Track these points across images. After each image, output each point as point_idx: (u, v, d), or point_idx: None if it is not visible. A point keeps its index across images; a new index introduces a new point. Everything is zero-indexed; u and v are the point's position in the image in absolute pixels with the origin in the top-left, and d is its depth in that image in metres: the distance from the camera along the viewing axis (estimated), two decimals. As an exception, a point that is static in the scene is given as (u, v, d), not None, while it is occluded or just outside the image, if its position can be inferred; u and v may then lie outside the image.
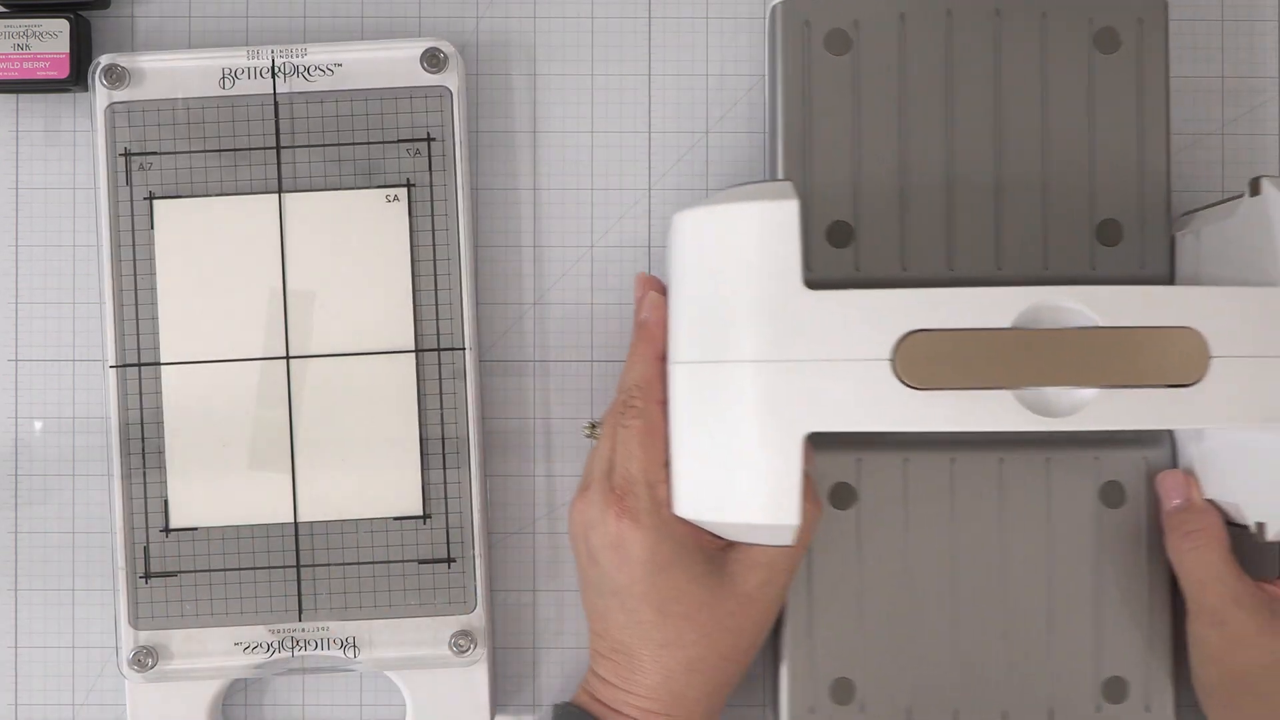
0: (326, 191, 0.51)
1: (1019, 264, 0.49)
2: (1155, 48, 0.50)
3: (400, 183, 0.51)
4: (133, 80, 0.51)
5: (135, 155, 0.51)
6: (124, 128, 0.51)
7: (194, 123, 0.51)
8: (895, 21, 0.50)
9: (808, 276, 0.48)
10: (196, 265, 0.51)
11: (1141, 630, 0.49)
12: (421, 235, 0.51)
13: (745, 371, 0.44)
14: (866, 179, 0.50)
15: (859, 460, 0.50)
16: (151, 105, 0.51)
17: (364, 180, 0.51)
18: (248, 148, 0.51)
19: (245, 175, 0.51)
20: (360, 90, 0.51)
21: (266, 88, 0.51)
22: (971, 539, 0.49)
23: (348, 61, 0.51)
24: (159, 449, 0.51)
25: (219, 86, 0.51)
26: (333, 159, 0.51)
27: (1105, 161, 0.50)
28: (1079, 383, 0.43)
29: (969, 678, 0.49)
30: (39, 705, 0.53)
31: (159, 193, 0.51)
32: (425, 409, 0.51)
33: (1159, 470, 0.49)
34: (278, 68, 0.51)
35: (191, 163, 0.51)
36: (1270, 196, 0.44)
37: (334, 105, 0.51)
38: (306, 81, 0.51)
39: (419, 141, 0.51)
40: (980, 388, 0.43)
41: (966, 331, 0.43)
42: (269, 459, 0.51)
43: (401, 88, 0.51)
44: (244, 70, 0.51)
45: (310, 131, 0.51)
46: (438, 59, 0.51)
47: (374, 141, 0.51)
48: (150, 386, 0.51)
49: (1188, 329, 0.43)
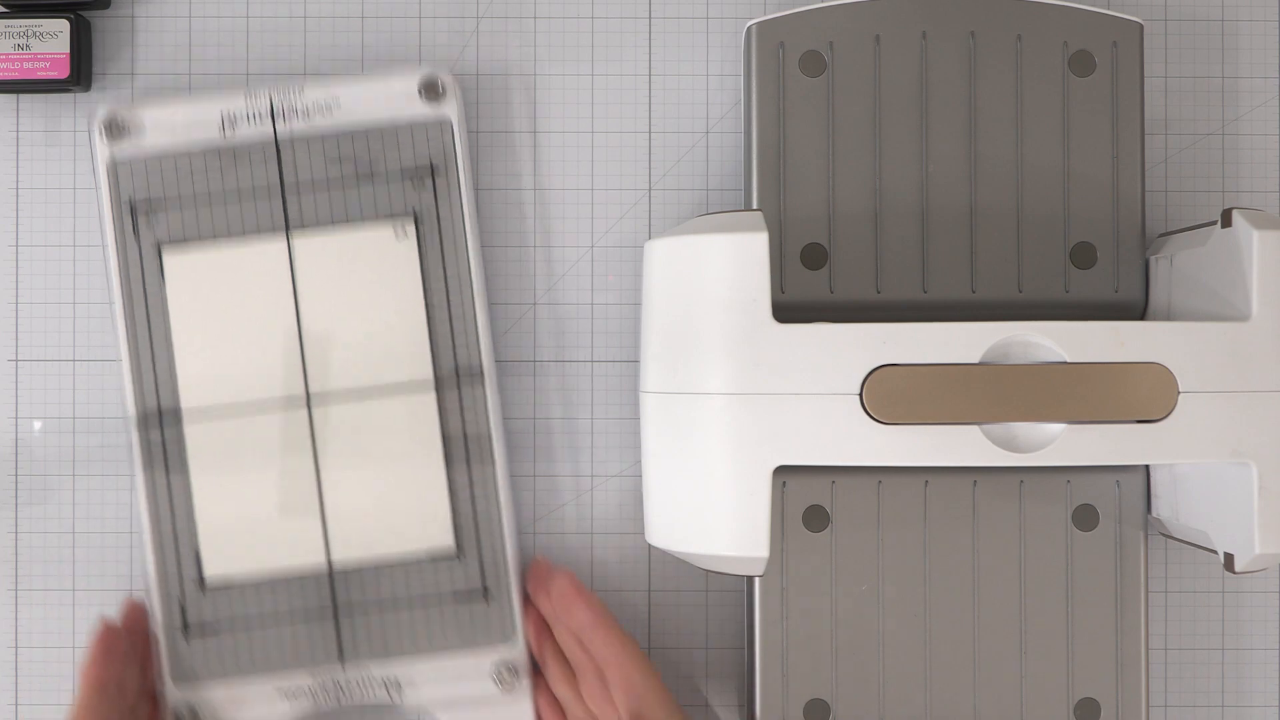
0: (334, 229, 0.50)
1: (993, 286, 0.49)
2: (1130, 71, 0.49)
3: (407, 216, 0.50)
4: (133, 132, 0.50)
5: (141, 207, 0.50)
6: (127, 180, 0.50)
7: (197, 170, 0.50)
8: (870, 43, 0.49)
9: (781, 299, 0.48)
10: (210, 313, 0.50)
11: (1113, 652, 0.50)
12: (432, 266, 0.50)
13: (714, 404, 0.44)
14: (841, 201, 0.49)
15: (833, 483, 0.50)
16: (154, 156, 0.50)
17: (370, 215, 0.50)
18: (252, 191, 0.50)
19: (252, 218, 0.50)
20: (360, 126, 0.50)
21: (267, 130, 0.50)
22: (945, 561, 0.50)
23: (345, 97, 0.50)
24: (187, 500, 0.50)
25: (219, 132, 0.50)
26: (338, 196, 0.50)
27: (1079, 185, 0.49)
28: (1047, 418, 0.44)
29: (942, 699, 0.50)
30: (39, 705, 0.54)
31: (166, 242, 0.50)
32: (449, 439, 0.50)
33: (1132, 493, 0.50)
34: (276, 109, 0.50)
35: (198, 210, 0.50)
36: (1241, 229, 0.44)
37: (335, 143, 0.50)
38: (306, 121, 0.50)
39: (423, 173, 0.50)
40: (948, 423, 0.44)
41: (934, 367, 0.43)
42: (298, 504, 0.50)
43: (402, 120, 0.50)
44: (243, 114, 0.50)
45: (314, 170, 0.50)
46: (436, 89, 0.50)
47: (378, 175, 0.50)
48: (173, 436, 0.50)
49: (1156, 365, 0.43)
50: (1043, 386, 0.43)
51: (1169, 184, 0.53)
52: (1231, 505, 0.45)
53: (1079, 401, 0.43)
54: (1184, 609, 0.54)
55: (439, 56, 0.54)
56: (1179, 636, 0.54)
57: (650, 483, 0.47)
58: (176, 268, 0.50)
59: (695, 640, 0.54)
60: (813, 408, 0.44)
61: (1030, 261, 0.49)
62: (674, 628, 0.54)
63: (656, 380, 0.46)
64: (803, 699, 0.50)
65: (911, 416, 0.43)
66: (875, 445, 0.44)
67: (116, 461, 0.53)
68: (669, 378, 0.45)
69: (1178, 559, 0.53)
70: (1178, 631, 0.54)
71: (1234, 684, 0.54)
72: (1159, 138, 0.53)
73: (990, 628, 0.50)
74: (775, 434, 0.44)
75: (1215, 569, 0.53)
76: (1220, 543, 0.46)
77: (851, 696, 0.50)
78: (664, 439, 0.46)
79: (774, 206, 0.49)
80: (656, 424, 0.46)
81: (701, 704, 0.54)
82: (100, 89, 0.53)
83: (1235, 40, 0.54)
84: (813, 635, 0.50)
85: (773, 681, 0.50)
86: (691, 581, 0.54)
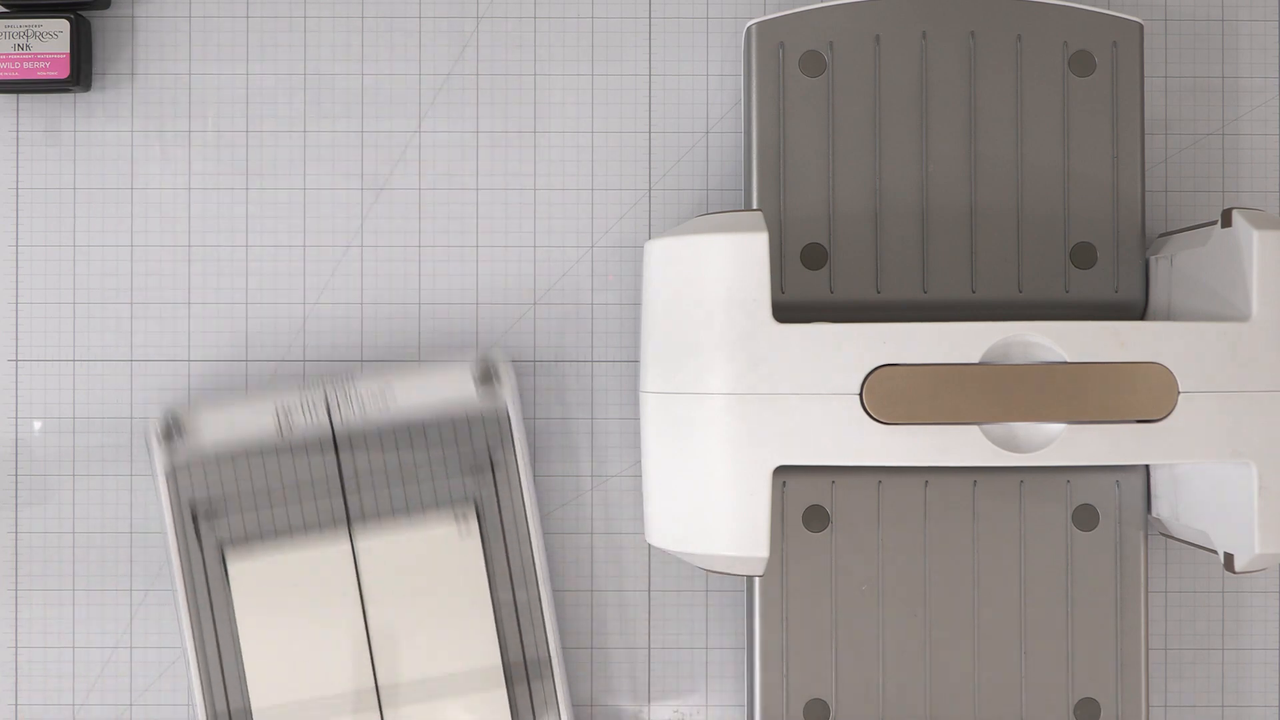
0: (395, 523, 0.50)
1: (993, 286, 0.49)
2: (1130, 71, 0.49)
3: (468, 505, 0.50)
4: (190, 433, 0.50)
5: (201, 509, 0.50)
6: (186, 483, 0.50)
7: (255, 469, 0.50)
8: (870, 43, 0.49)
9: (781, 299, 0.48)
10: (277, 612, 0.50)
11: (1113, 652, 0.50)
12: (495, 556, 0.50)
13: (713, 404, 0.44)
14: (841, 201, 0.49)
15: (833, 483, 0.50)
16: (211, 456, 0.50)
17: (431, 507, 0.50)
18: (311, 486, 0.50)
19: (313, 514, 0.50)
20: (416, 416, 0.50)
21: (323, 424, 0.50)
22: (944, 561, 0.50)
23: (400, 388, 0.50)
24: None
25: (276, 429, 0.50)
26: (397, 489, 0.50)
27: (1079, 184, 0.49)
28: (1047, 418, 0.44)
29: (942, 699, 0.50)
30: (39, 705, 0.54)
31: (229, 543, 0.50)
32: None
33: (1132, 493, 0.50)
34: (331, 403, 0.50)
35: (258, 509, 0.50)
36: (1241, 229, 0.44)
37: (392, 435, 0.50)
38: (361, 413, 0.50)
39: (481, 463, 0.50)
40: (948, 423, 0.44)
41: (935, 366, 0.43)
42: None
43: (457, 409, 0.50)
44: (299, 409, 0.50)
45: (372, 464, 0.50)
46: (490, 376, 0.50)
47: (436, 466, 0.50)
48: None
49: (1156, 364, 0.43)
50: (1043, 386, 0.43)
51: (1169, 184, 0.54)
52: (1231, 505, 0.45)
53: (1079, 401, 0.43)
54: (1184, 609, 0.54)
55: (440, 54, 0.54)
56: (1179, 636, 0.54)
57: (650, 483, 0.47)
58: (241, 569, 0.50)
59: (695, 640, 0.54)
60: (813, 408, 0.44)
61: (1030, 261, 0.49)
62: (674, 628, 0.54)
63: (656, 380, 0.46)
64: (803, 699, 0.50)
65: (911, 416, 0.43)
66: (875, 445, 0.44)
67: (116, 461, 0.53)
68: (669, 378, 0.45)
69: (1178, 559, 0.53)
70: (1178, 631, 0.54)
71: (1234, 684, 0.54)
72: (1159, 138, 0.53)
73: (990, 628, 0.50)
74: (775, 434, 0.44)
75: (1215, 569, 0.53)
76: (1220, 543, 0.46)
77: (851, 696, 0.50)
78: (664, 439, 0.46)
79: (774, 206, 0.50)
80: (656, 424, 0.46)
81: (701, 704, 0.54)
82: (100, 89, 0.54)
83: (1235, 40, 0.54)
84: (813, 635, 0.50)
85: (773, 681, 0.50)
86: (691, 581, 0.54)
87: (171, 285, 0.54)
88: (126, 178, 0.54)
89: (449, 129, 0.54)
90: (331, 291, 0.54)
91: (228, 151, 0.54)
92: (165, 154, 0.54)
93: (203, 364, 0.54)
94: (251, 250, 0.54)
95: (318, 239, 0.54)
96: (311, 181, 0.54)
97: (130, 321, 0.54)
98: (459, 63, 0.54)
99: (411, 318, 0.54)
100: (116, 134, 0.54)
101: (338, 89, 0.54)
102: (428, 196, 0.54)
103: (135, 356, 0.54)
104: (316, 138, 0.54)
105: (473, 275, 0.54)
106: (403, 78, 0.54)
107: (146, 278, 0.54)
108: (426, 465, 0.50)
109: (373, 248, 0.54)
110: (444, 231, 0.54)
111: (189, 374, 0.53)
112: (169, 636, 0.53)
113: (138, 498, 0.53)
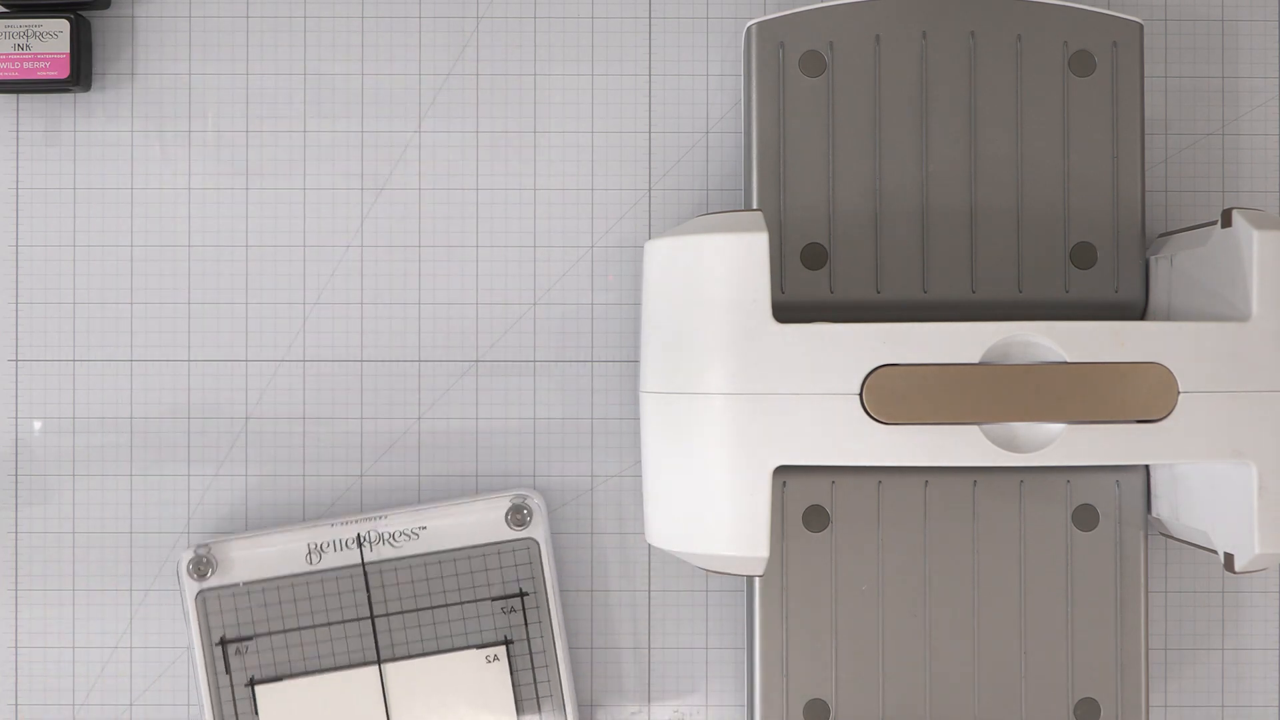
0: (425, 657, 0.50)
1: (993, 287, 0.49)
2: (1130, 71, 0.49)
3: (498, 640, 0.51)
4: (220, 567, 0.50)
5: (231, 642, 0.50)
6: (216, 616, 0.50)
7: (285, 601, 0.50)
8: (870, 43, 0.49)
9: (781, 299, 0.48)
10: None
11: (1113, 652, 0.50)
12: (524, 691, 0.51)
13: (714, 404, 0.44)
14: (841, 201, 0.49)
15: (833, 483, 0.50)
16: (242, 589, 0.50)
17: (461, 641, 0.51)
18: (341, 620, 0.50)
19: (342, 647, 0.50)
20: (448, 551, 0.51)
21: (354, 558, 0.50)
22: (945, 561, 0.50)
23: (432, 525, 0.51)
24: None
25: (306, 562, 0.50)
26: (428, 623, 0.50)
27: (1079, 185, 0.49)
28: (1047, 418, 0.44)
29: (942, 699, 0.50)
30: (39, 705, 0.54)
31: (259, 676, 0.50)
32: None
33: (1132, 493, 0.50)
34: (363, 538, 0.50)
35: (288, 643, 0.50)
36: (1241, 229, 0.44)
37: (423, 569, 0.51)
38: (393, 548, 0.51)
39: (512, 598, 0.51)
40: (948, 423, 0.44)
41: (934, 366, 0.43)
42: None
43: (489, 545, 0.51)
44: (330, 544, 0.50)
45: (402, 598, 0.50)
46: (523, 515, 0.51)
47: (467, 601, 0.51)
48: None
49: (1156, 364, 0.43)
50: (1043, 386, 0.43)
51: (1169, 184, 0.54)
52: (1231, 505, 0.45)
53: (1079, 401, 0.43)
54: (1184, 609, 0.54)
55: (440, 61, 0.54)
56: (1179, 636, 0.54)
57: (650, 483, 0.47)
58: (270, 701, 0.50)
59: (695, 640, 0.54)
60: (813, 408, 0.44)
61: (1030, 262, 0.49)
62: (674, 628, 0.54)
63: (656, 380, 0.46)
64: (803, 699, 0.50)
65: (911, 416, 0.43)
66: (875, 445, 0.44)
67: (116, 461, 0.53)
68: (669, 378, 0.45)
69: (1178, 559, 0.53)
70: (1178, 631, 0.54)
71: (1234, 684, 0.54)
72: (1159, 138, 0.53)
73: (990, 628, 0.50)
74: (775, 434, 0.44)
75: (1215, 569, 0.53)
76: (1220, 543, 0.46)
77: (851, 696, 0.50)
78: (664, 439, 0.46)
79: (774, 206, 0.50)
80: (656, 424, 0.46)
81: (701, 704, 0.54)
82: (100, 89, 0.54)
83: (1235, 40, 0.54)
84: (813, 635, 0.50)
85: (773, 681, 0.50)
86: (691, 581, 0.54)
87: (171, 285, 0.54)
88: (126, 178, 0.54)
89: (449, 129, 0.54)
90: (331, 291, 0.54)
91: (228, 151, 0.54)
92: (165, 154, 0.54)
93: (203, 364, 0.54)
94: (251, 250, 0.54)
95: (318, 239, 0.54)
96: (311, 181, 0.54)
97: (130, 321, 0.54)
98: (459, 63, 0.54)
99: (411, 318, 0.54)
100: (116, 134, 0.54)
101: (338, 89, 0.54)
102: (428, 196, 0.54)
103: (135, 356, 0.54)
104: (316, 138, 0.54)
105: (473, 275, 0.54)
106: (403, 78, 0.54)
107: (146, 278, 0.54)
108: (457, 598, 0.51)
109: (373, 248, 0.54)
110: (444, 231, 0.54)
111: (189, 374, 0.53)
112: (169, 636, 0.53)
113: (138, 497, 0.53)
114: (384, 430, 0.54)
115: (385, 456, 0.54)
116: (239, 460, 0.54)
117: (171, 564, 0.53)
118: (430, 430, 0.54)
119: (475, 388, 0.54)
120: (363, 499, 0.54)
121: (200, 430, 0.54)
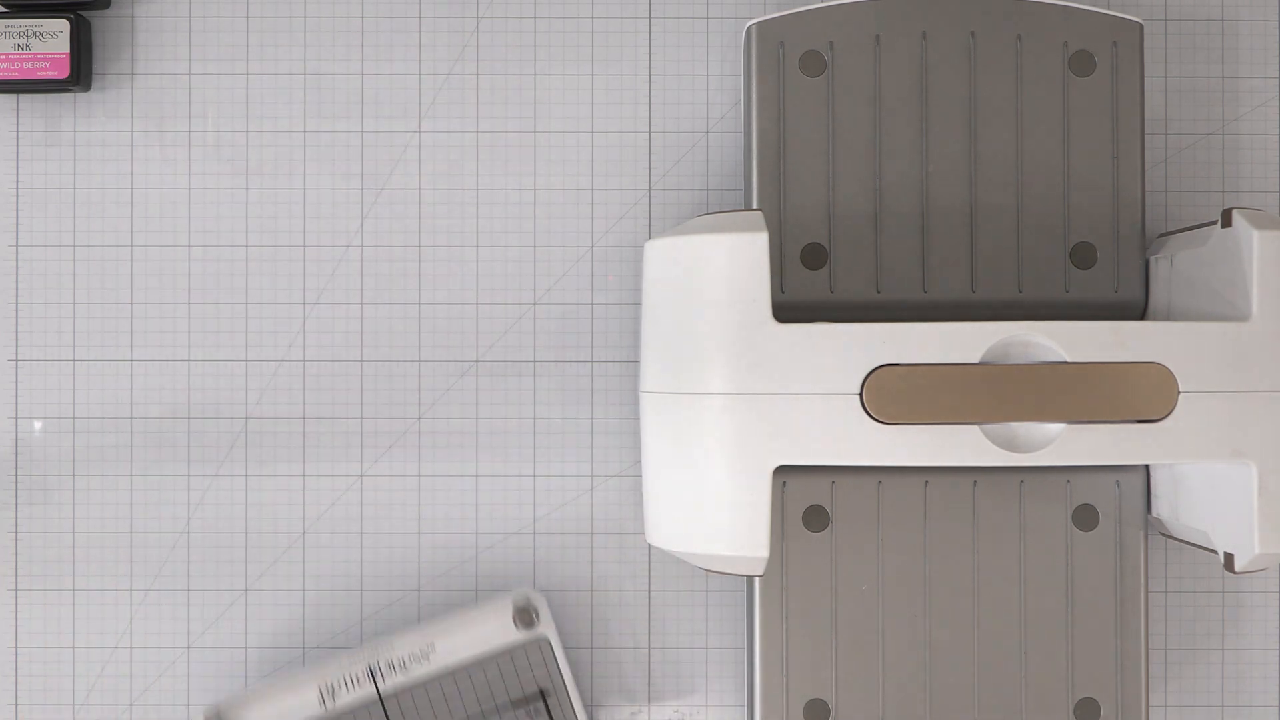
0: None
1: (993, 286, 0.49)
2: (1130, 71, 0.49)
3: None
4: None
5: None
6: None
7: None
8: (870, 43, 0.49)
9: (781, 299, 0.48)
10: None
11: (1113, 652, 0.50)
12: None
13: (713, 404, 0.44)
14: (841, 201, 0.49)
15: (833, 483, 0.50)
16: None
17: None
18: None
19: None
20: (462, 665, 0.51)
21: (369, 693, 0.50)
22: (945, 561, 0.50)
23: (440, 642, 0.50)
24: None
25: (322, 708, 0.50)
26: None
27: (1079, 185, 0.49)
28: (1047, 418, 0.44)
29: (942, 699, 0.50)
30: (39, 705, 0.54)
31: None
32: None
33: (1132, 493, 0.50)
34: (374, 669, 0.50)
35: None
36: (1241, 229, 0.44)
37: (439, 689, 0.50)
38: (405, 674, 0.50)
39: (533, 700, 0.51)
40: (948, 423, 0.43)
41: (934, 366, 0.43)
42: None
43: (501, 650, 0.51)
44: (341, 682, 0.50)
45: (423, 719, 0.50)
46: (529, 616, 0.51)
47: (488, 711, 0.50)
48: None
49: (1156, 364, 0.43)
50: (1043, 386, 0.43)
51: (1169, 184, 0.54)
52: (1231, 505, 0.45)
53: (1079, 401, 0.43)
54: (1184, 609, 0.54)
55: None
56: (1179, 636, 0.54)
57: (650, 483, 0.47)
58: None
59: (695, 640, 0.54)
60: (813, 408, 0.44)
61: (1030, 262, 0.49)
62: (674, 628, 0.54)
63: (656, 380, 0.46)
64: (803, 699, 0.50)
65: (911, 416, 0.43)
66: (875, 445, 0.44)
67: (116, 461, 0.53)
68: (669, 378, 0.45)
69: (1178, 559, 0.53)
70: (1178, 631, 0.54)
71: (1234, 684, 0.54)
72: (1159, 138, 0.53)
73: (990, 629, 0.50)
74: (775, 434, 0.44)
75: (1215, 569, 0.53)
76: (1220, 543, 0.46)
77: (851, 696, 0.50)
78: (664, 439, 0.46)
79: (774, 206, 0.50)
80: (656, 424, 0.46)
81: (701, 704, 0.54)
82: (100, 89, 0.54)
83: (1235, 40, 0.54)
84: (813, 635, 0.50)
85: (773, 681, 0.50)
86: (691, 581, 0.54)
87: (171, 285, 0.54)
88: (126, 178, 0.54)
89: (449, 129, 0.54)
90: (331, 291, 0.54)
91: (228, 151, 0.54)
92: (165, 154, 0.54)
93: (203, 364, 0.54)
94: (251, 250, 0.54)
95: (318, 239, 0.54)
96: (311, 181, 0.54)
97: (130, 321, 0.54)
98: (459, 63, 0.54)
99: (411, 318, 0.54)
100: (116, 134, 0.54)
101: (338, 89, 0.54)
102: (428, 196, 0.54)
103: (135, 356, 0.54)
104: (316, 138, 0.54)
105: (473, 275, 0.54)
106: (403, 78, 0.54)
107: (146, 278, 0.54)
108: (478, 709, 0.51)
109: (373, 248, 0.54)
110: (444, 231, 0.54)
111: (189, 374, 0.53)
112: (169, 636, 0.53)
113: (138, 497, 0.53)
114: (384, 430, 0.54)
115: (385, 456, 0.54)
116: (239, 460, 0.54)
117: (172, 564, 0.53)
118: (430, 430, 0.54)
119: (475, 388, 0.54)
120: (363, 499, 0.54)
121: (200, 430, 0.54)
